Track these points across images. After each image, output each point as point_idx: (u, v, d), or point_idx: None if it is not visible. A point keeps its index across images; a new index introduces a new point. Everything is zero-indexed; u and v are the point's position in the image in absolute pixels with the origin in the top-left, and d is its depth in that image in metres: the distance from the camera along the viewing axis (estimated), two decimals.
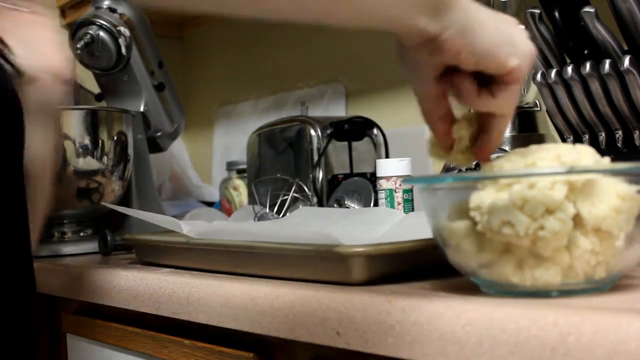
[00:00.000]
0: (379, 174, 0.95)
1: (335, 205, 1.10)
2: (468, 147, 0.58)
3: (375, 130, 1.21)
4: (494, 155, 0.58)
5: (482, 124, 0.58)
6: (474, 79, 0.55)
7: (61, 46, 0.70)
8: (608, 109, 0.77)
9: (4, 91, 0.63)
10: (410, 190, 0.94)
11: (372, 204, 1.07)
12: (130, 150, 1.22)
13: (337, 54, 1.57)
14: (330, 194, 1.15)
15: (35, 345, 0.67)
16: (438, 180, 0.57)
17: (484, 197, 0.48)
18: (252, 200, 1.28)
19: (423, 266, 0.64)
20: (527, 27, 0.81)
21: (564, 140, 0.83)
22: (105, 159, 1.17)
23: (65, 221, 1.23)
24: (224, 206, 1.53)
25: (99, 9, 1.34)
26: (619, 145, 0.78)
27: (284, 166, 1.23)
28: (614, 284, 0.51)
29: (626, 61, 0.73)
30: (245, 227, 0.78)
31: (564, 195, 0.46)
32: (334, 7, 0.49)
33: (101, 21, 1.30)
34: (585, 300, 0.47)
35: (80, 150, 1.14)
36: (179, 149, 1.78)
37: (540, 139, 0.92)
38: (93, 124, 1.15)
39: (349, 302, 0.55)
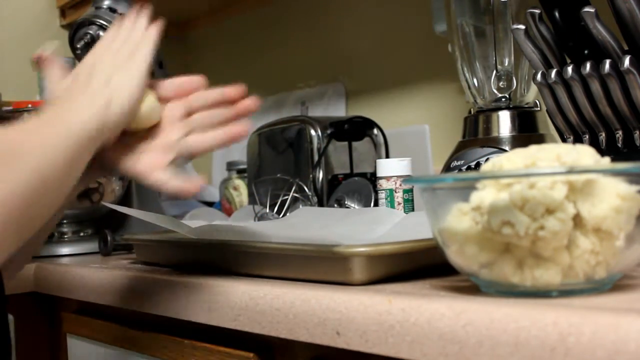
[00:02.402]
0: (379, 174, 0.95)
1: (336, 205, 1.10)
2: None
3: (375, 130, 1.21)
4: (493, 155, 0.58)
5: None
6: None
7: None
8: (608, 109, 0.77)
9: None
10: (411, 190, 0.94)
11: (372, 204, 1.06)
12: None
13: (337, 54, 1.57)
14: (330, 194, 1.15)
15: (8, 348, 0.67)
16: (438, 180, 0.57)
17: (484, 197, 0.48)
18: (252, 200, 1.28)
19: (423, 266, 0.64)
20: (527, 27, 0.81)
21: (564, 140, 0.83)
22: None
23: (65, 221, 1.23)
24: (224, 206, 1.53)
25: (99, 9, 1.34)
26: (619, 145, 0.78)
27: (284, 166, 1.23)
28: (614, 284, 0.51)
29: (626, 61, 0.73)
30: (245, 227, 0.78)
31: (564, 195, 0.46)
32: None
33: (101, 21, 1.30)
34: (585, 300, 0.47)
35: None
36: None
37: (540, 139, 0.92)
38: None
39: (349, 302, 0.55)
